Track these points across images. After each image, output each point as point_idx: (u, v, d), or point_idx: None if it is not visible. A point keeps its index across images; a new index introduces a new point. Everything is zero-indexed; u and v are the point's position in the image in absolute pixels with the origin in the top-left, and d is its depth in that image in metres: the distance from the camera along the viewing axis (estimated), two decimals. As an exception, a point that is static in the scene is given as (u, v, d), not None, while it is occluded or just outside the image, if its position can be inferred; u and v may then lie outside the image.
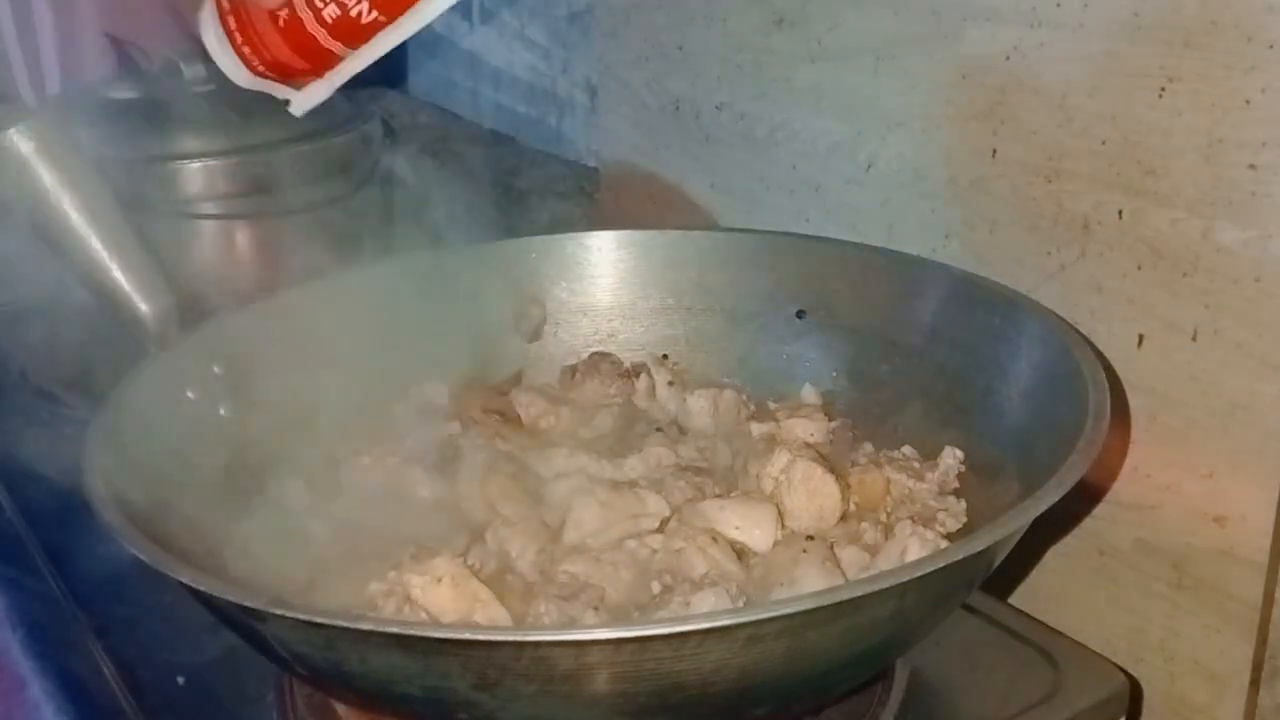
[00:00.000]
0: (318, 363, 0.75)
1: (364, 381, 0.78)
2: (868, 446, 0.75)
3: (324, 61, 0.66)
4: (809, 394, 0.80)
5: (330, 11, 0.63)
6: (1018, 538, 0.56)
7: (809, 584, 0.59)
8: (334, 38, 0.64)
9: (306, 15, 0.64)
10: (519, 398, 0.81)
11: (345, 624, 0.48)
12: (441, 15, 0.64)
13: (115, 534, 0.54)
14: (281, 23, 0.64)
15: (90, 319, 0.73)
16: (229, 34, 0.67)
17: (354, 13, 0.63)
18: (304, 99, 0.67)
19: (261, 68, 0.67)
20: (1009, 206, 0.76)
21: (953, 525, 0.67)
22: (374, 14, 0.63)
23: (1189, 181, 0.66)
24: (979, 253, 0.79)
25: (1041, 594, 0.78)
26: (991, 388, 0.70)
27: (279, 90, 0.69)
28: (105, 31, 1.18)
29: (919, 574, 0.50)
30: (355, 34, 0.64)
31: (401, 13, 0.63)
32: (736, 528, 0.65)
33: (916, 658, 0.66)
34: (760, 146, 0.95)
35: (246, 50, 0.67)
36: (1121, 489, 0.73)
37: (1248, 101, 0.63)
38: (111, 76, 1.10)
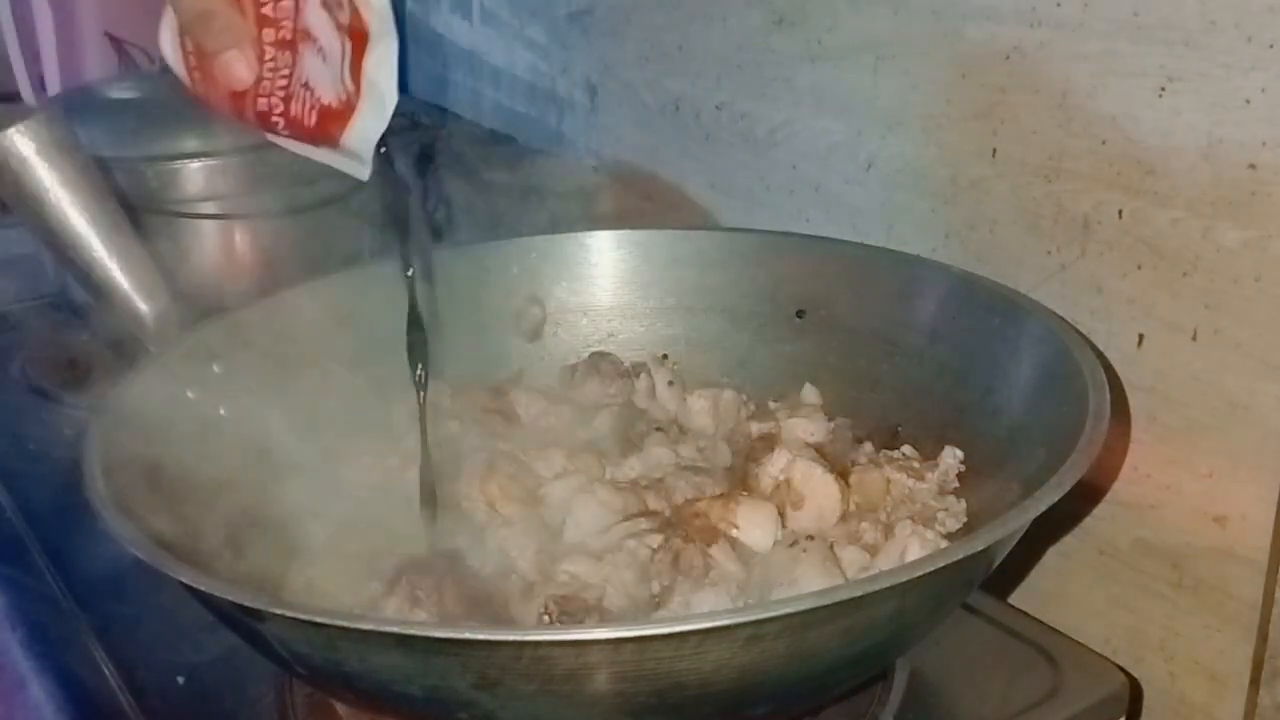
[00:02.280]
0: (317, 362, 0.75)
1: (364, 381, 0.78)
2: (868, 446, 0.75)
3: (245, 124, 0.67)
4: (809, 394, 0.80)
5: (262, 101, 0.64)
6: (1018, 538, 0.56)
7: (809, 584, 0.59)
8: (257, 126, 0.65)
9: (250, 93, 0.64)
10: (519, 398, 0.81)
11: (345, 624, 0.48)
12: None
13: (115, 534, 0.54)
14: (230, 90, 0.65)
15: (90, 319, 0.73)
16: (185, 60, 0.66)
17: (272, 119, 0.64)
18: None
19: (200, 97, 0.67)
20: (1009, 206, 0.76)
21: (953, 525, 0.67)
22: (286, 131, 0.64)
23: (1189, 181, 0.66)
24: (979, 253, 0.79)
25: (1041, 594, 0.78)
26: (991, 388, 0.70)
27: None
28: (105, 31, 1.18)
29: (919, 574, 0.50)
30: (270, 131, 0.65)
31: (304, 141, 0.65)
32: (736, 528, 0.65)
33: (916, 658, 0.66)
34: (760, 146, 0.95)
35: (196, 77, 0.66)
36: (1121, 489, 0.73)
37: (1248, 101, 0.63)
38: (111, 76, 1.10)
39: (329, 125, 0.62)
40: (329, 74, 0.61)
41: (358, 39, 0.60)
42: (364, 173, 0.63)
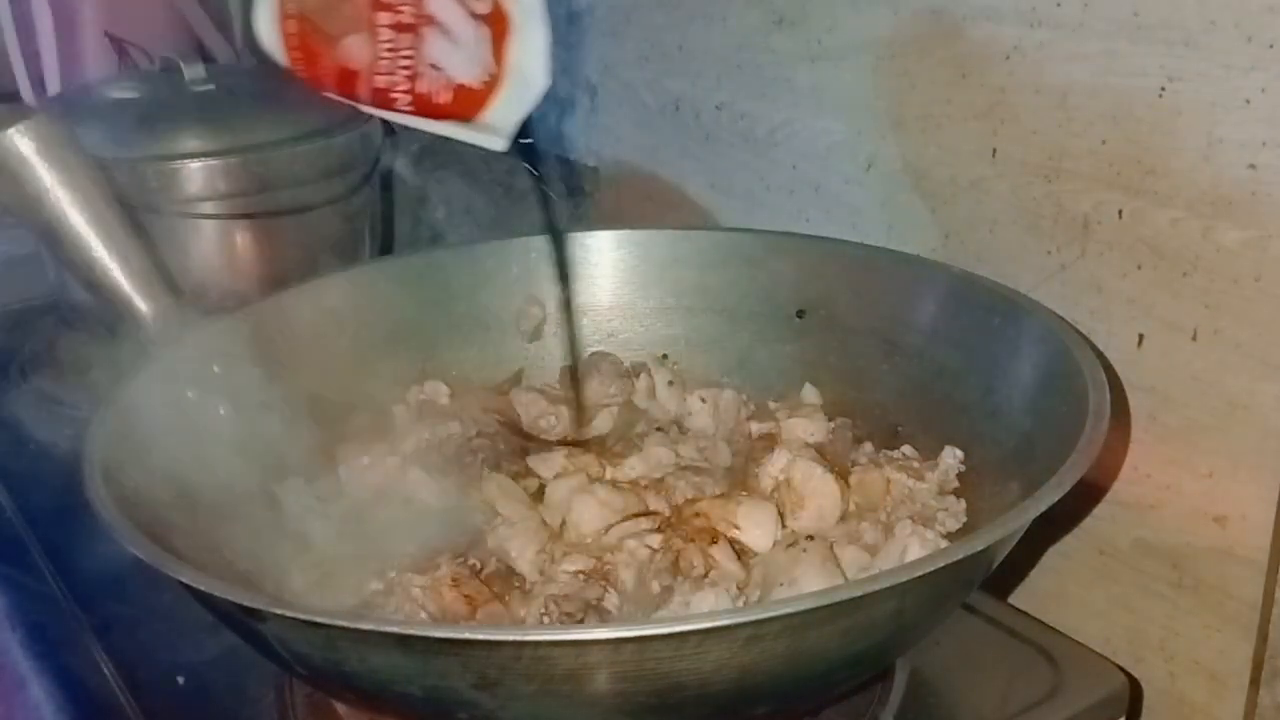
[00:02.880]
0: (318, 363, 0.75)
1: (364, 381, 0.78)
2: (868, 446, 0.75)
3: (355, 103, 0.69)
4: (809, 394, 0.80)
5: (381, 80, 0.66)
6: (1018, 538, 0.56)
7: (809, 584, 0.60)
8: (374, 103, 0.67)
9: (364, 73, 0.66)
10: (519, 398, 0.81)
11: (345, 624, 0.48)
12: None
13: (115, 534, 0.54)
14: (341, 70, 0.67)
15: (90, 319, 0.73)
16: (285, 41, 0.67)
17: (392, 96, 0.66)
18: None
19: (302, 76, 0.69)
20: (1009, 206, 0.76)
21: (953, 525, 0.67)
22: (411, 108, 0.67)
23: (1189, 181, 0.66)
24: (979, 253, 0.79)
25: (1041, 594, 0.78)
26: (991, 388, 0.70)
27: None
28: (105, 31, 1.18)
29: (919, 574, 0.50)
30: (388, 108, 0.67)
31: (432, 118, 0.67)
32: (736, 528, 0.65)
33: (916, 658, 0.66)
34: (760, 146, 0.95)
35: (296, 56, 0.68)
36: (1121, 489, 0.73)
37: (1248, 101, 0.63)
38: (111, 76, 1.10)
39: (467, 104, 0.66)
40: (462, 56, 0.64)
41: (498, 26, 0.63)
42: (500, 145, 0.67)
